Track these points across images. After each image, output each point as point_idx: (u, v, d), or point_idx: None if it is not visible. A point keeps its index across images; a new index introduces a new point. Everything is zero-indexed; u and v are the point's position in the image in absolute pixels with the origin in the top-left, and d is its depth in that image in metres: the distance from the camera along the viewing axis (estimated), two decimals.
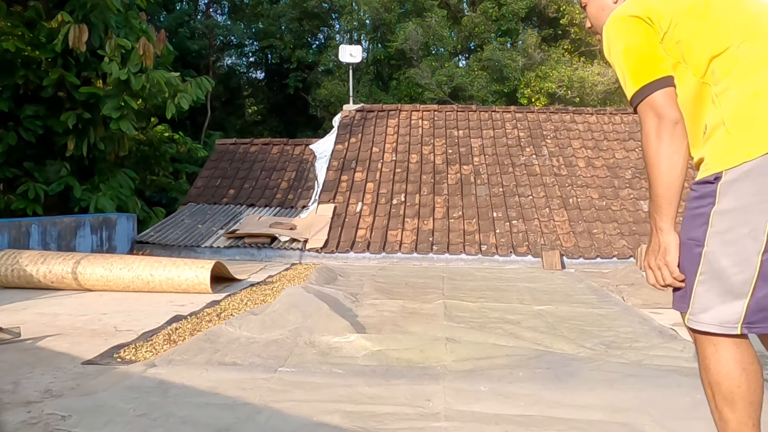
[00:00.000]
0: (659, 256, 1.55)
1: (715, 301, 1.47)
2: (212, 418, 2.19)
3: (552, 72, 16.35)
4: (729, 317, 1.46)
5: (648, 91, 1.54)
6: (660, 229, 1.55)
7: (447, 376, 2.69)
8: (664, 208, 1.53)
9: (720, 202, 1.46)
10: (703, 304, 1.49)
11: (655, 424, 2.17)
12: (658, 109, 1.53)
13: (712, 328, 1.48)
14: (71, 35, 7.96)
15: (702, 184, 1.51)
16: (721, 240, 1.46)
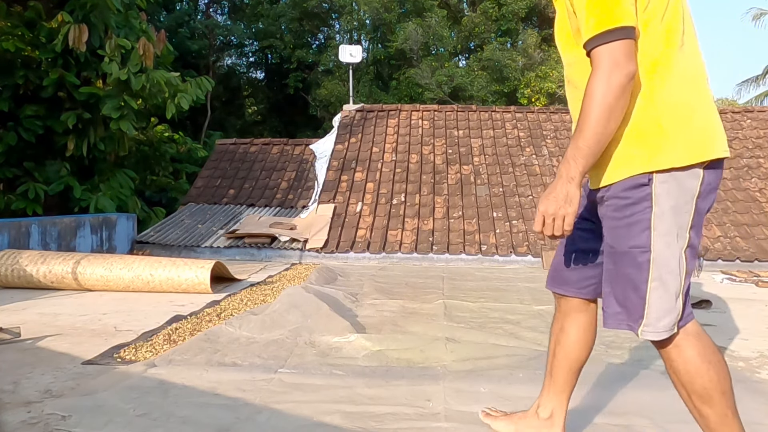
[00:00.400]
0: (563, 205, 1.47)
1: (670, 304, 1.48)
2: (212, 418, 2.19)
3: (552, 72, 16.36)
4: (675, 318, 1.50)
5: (613, 36, 1.40)
6: (572, 178, 1.47)
7: (447, 376, 2.69)
8: (588, 159, 1.46)
9: (658, 204, 1.46)
10: (659, 311, 1.48)
11: (656, 427, 2.16)
12: (621, 58, 1.40)
13: (671, 333, 1.50)
14: (71, 35, 7.96)
15: (633, 189, 1.48)
16: (665, 243, 1.47)
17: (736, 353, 3.24)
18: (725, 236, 7.57)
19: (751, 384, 2.64)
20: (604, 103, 1.40)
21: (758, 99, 21.74)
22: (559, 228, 1.48)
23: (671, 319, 1.49)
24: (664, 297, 1.48)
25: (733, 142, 9.53)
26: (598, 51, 1.42)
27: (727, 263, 7.05)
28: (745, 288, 5.70)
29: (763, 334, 3.71)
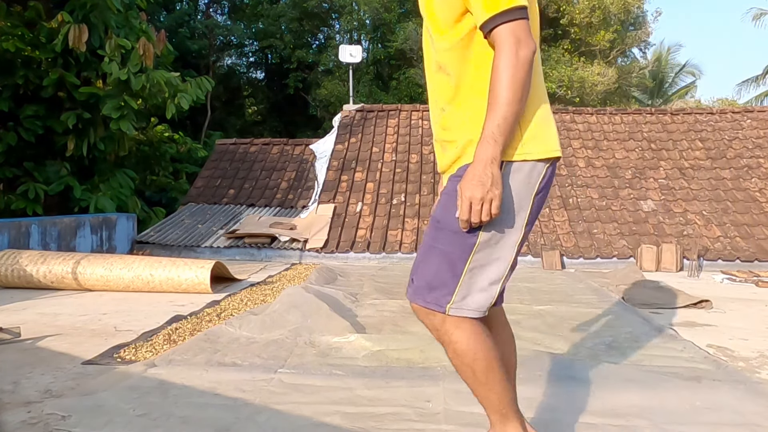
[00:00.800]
0: (491, 188, 1.40)
1: (482, 288, 1.50)
2: (212, 418, 2.19)
3: (552, 72, 16.35)
4: (486, 302, 1.51)
5: (513, 15, 1.40)
6: (494, 158, 1.41)
7: (447, 377, 2.69)
8: (505, 137, 1.41)
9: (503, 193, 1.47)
10: (469, 292, 1.49)
11: (655, 428, 2.16)
12: (523, 36, 1.40)
13: (473, 314, 1.51)
14: (71, 35, 7.96)
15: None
16: (496, 231, 1.48)
17: (736, 353, 3.24)
18: (725, 236, 7.57)
19: (751, 384, 2.64)
20: (516, 79, 1.39)
21: (758, 99, 21.75)
22: (486, 212, 1.42)
23: (482, 299, 1.50)
24: (480, 280, 1.50)
25: (733, 142, 9.53)
26: (500, 30, 1.41)
27: (727, 263, 7.05)
28: (745, 288, 5.70)
29: (763, 334, 3.71)
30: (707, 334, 3.69)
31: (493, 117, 1.40)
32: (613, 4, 17.06)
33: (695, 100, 23.03)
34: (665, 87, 23.73)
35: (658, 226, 7.78)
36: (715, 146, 9.44)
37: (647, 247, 7.04)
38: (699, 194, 8.37)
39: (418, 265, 1.56)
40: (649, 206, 8.18)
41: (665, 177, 8.77)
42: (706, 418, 2.24)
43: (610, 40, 18.14)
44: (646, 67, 21.41)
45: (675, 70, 23.77)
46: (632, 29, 19.75)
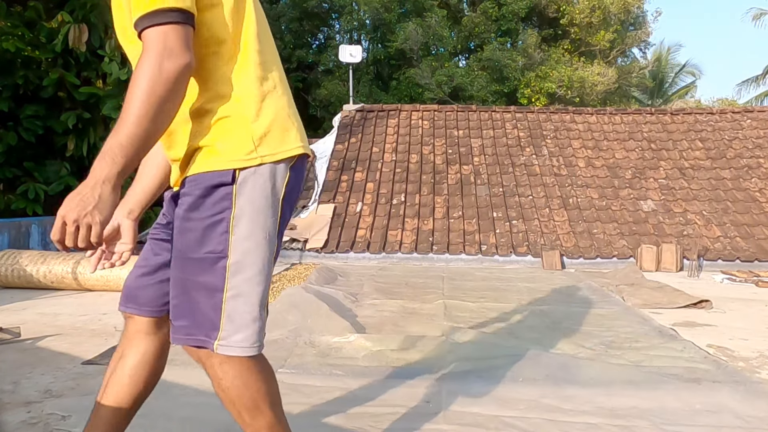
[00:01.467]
0: (91, 212, 1.15)
1: (253, 315, 1.32)
2: (212, 418, 2.18)
3: (552, 72, 16.36)
4: (257, 334, 1.33)
5: (165, 17, 1.18)
6: (108, 179, 1.16)
7: (447, 377, 2.69)
8: (130, 158, 1.18)
9: (238, 205, 1.29)
10: (236, 324, 1.30)
11: (655, 428, 2.16)
12: (175, 45, 1.18)
13: (249, 351, 1.31)
14: (71, 35, 7.96)
15: (213, 187, 1.29)
16: (246, 248, 1.31)
17: (736, 353, 3.24)
18: (725, 236, 7.57)
19: (751, 384, 2.64)
20: (153, 94, 1.17)
21: (758, 99, 21.76)
22: (83, 239, 1.17)
23: (252, 333, 1.32)
24: (242, 308, 1.31)
25: (733, 142, 9.53)
26: (148, 33, 1.19)
27: (727, 263, 7.05)
28: (745, 288, 5.70)
29: (763, 334, 3.71)
30: (707, 334, 3.69)
31: (118, 133, 1.17)
32: (613, 4, 17.06)
33: (695, 100, 23.03)
34: (665, 87, 23.73)
35: (658, 226, 7.78)
36: (715, 146, 9.44)
37: (647, 247, 7.04)
38: (699, 194, 8.37)
39: (175, 306, 1.35)
40: (649, 206, 8.18)
41: (665, 177, 8.77)
42: (706, 419, 2.24)
43: (610, 40, 18.14)
44: (646, 67, 21.41)
45: (675, 70, 23.77)
46: (632, 29, 19.75)
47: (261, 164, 1.31)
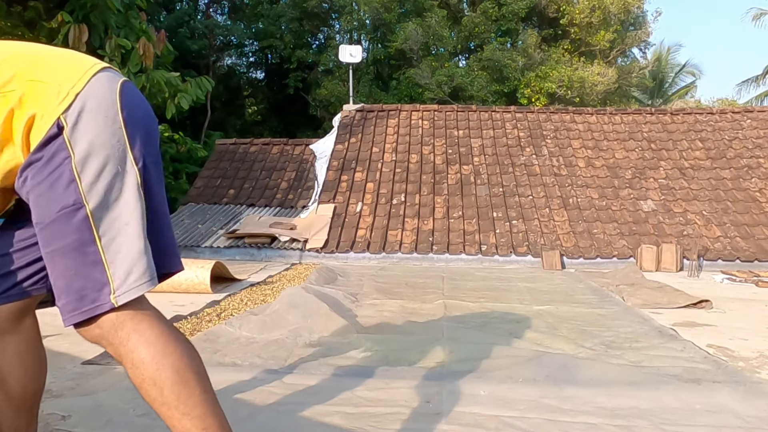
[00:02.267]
0: None
1: (135, 255, 1.20)
2: None
3: (552, 72, 16.36)
4: (150, 263, 1.22)
5: None
6: None
7: (447, 377, 2.69)
8: None
9: (75, 148, 1.18)
10: (126, 265, 1.19)
11: (655, 428, 2.16)
12: None
13: (148, 285, 1.20)
14: (71, 35, 7.95)
15: (44, 146, 1.18)
16: (102, 187, 1.19)
17: (736, 353, 3.24)
18: (725, 236, 7.57)
19: (751, 384, 2.64)
20: None
21: (758, 99, 21.77)
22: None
23: (146, 264, 1.21)
24: (125, 246, 1.20)
25: (733, 142, 9.53)
26: None
27: (727, 263, 7.05)
28: (745, 288, 5.70)
29: (763, 334, 3.71)
30: (707, 334, 3.69)
31: None
32: (613, 4, 17.06)
33: (695, 100, 23.03)
34: (665, 87, 23.73)
35: (658, 226, 7.78)
36: (715, 146, 9.44)
37: (647, 247, 7.04)
38: (699, 194, 8.37)
39: (53, 284, 1.26)
40: (649, 206, 8.18)
41: (665, 177, 8.77)
42: (706, 419, 2.24)
43: (610, 40, 18.14)
44: (646, 67, 21.41)
45: (675, 70, 23.77)
46: (632, 29, 19.75)
47: (75, 98, 1.20)
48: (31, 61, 1.26)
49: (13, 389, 1.36)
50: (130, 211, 1.21)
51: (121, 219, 1.21)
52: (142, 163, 1.25)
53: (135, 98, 1.29)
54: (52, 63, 1.27)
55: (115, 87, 1.25)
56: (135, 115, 1.27)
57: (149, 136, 1.29)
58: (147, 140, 1.28)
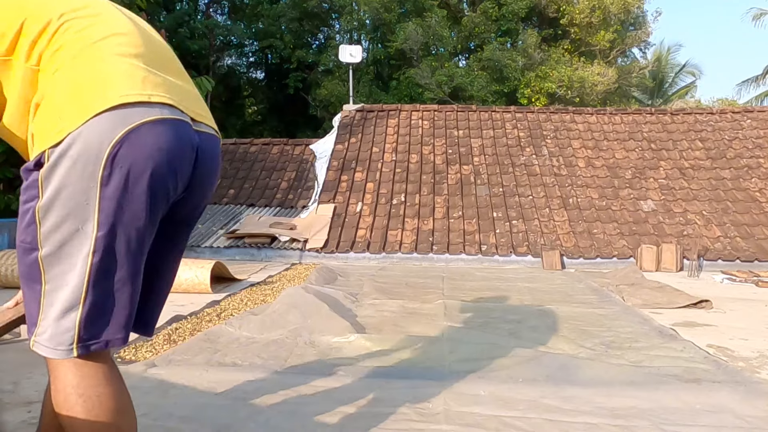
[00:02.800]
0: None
1: (56, 317, 1.17)
2: (212, 418, 2.18)
3: (552, 72, 16.36)
4: (61, 336, 1.16)
5: None
6: None
7: (447, 377, 2.69)
8: None
9: (45, 191, 1.14)
10: (47, 322, 1.17)
11: (655, 428, 2.16)
12: None
13: (48, 352, 1.17)
14: None
15: (29, 171, 1.18)
16: (54, 240, 1.16)
17: (736, 353, 3.24)
18: (725, 236, 7.57)
19: (751, 384, 2.64)
20: None
21: (758, 99, 21.76)
22: None
23: (59, 332, 1.16)
24: (56, 305, 1.16)
25: (733, 142, 9.53)
26: None
27: (727, 263, 7.05)
28: (745, 288, 5.70)
29: (763, 334, 3.71)
30: (707, 334, 3.69)
31: None
32: (613, 4, 17.06)
33: (695, 100, 23.03)
34: (665, 87, 23.72)
35: (658, 226, 7.78)
36: (715, 146, 9.44)
37: (647, 247, 7.04)
38: (699, 194, 8.37)
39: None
40: (649, 206, 8.18)
41: (665, 177, 8.77)
42: (706, 419, 2.24)
43: (610, 40, 18.14)
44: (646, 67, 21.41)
45: (675, 70, 23.76)
46: (632, 29, 19.75)
47: (66, 137, 1.12)
48: (75, 53, 1.19)
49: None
50: (74, 274, 1.16)
51: (66, 277, 1.16)
52: (105, 230, 1.15)
53: (145, 150, 1.15)
54: (83, 75, 1.18)
55: (114, 136, 1.13)
56: (133, 172, 1.15)
57: (153, 196, 1.18)
58: (141, 200, 1.17)
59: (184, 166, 1.24)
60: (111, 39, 1.24)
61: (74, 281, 1.16)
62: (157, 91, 1.20)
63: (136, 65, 1.22)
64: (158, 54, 1.33)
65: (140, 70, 1.22)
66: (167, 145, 1.18)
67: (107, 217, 1.15)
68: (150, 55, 1.28)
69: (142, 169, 1.16)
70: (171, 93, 1.24)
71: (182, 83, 1.34)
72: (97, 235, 1.15)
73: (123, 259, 1.19)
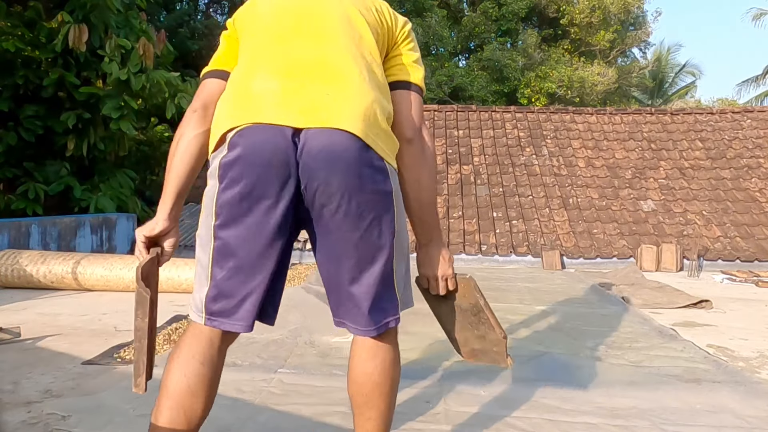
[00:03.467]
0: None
1: (198, 297, 1.40)
2: (212, 418, 2.17)
3: (552, 72, 16.37)
4: (194, 307, 1.43)
5: (201, 80, 1.54)
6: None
7: (447, 377, 2.69)
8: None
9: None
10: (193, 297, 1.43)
11: (655, 428, 2.16)
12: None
13: (191, 314, 1.43)
14: (71, 35, 7.95)
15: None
16: (198, 242, 1.45)
17: (736, 353, 3.24)
18: (725, 236, 7.57)
19: (751, 385, 2.64)
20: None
21: (758, 99, 21.77)
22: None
23: (193, 305, 1.43)
24: (196, 290, 1.43)
25: (733, 142, 9.53)
26: None
27: (727, 263, 7.05)
28: (745, 288, 5.70)
29: (763, 334, 3.71)
30: (707, 334, 3.69)
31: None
32: (613, 4, 17.07)
33: (695, 100, 23.05)
34: (665, 87, 23.73)
35: (658, 226, 7.78)
36: (715, 146, 9.44)
37: (647, 247, 7.04)
38: (699, 194, 8.37)
39: None
40: (649, 206, 8.18)
41: (665, 177, 8.77)
42: (706, 419, 2.24)
43: (610, 40, 18.15)
44: (646, 67, 21.43)
45: (675, 70, 23.77)
46: (632, 29, 19.76)
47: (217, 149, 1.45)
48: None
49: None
50: (201, 267, 1.41)
51: (198, 257, 1.42)
52: (221, 233, 1.38)
53: (231, 170, 1.35)
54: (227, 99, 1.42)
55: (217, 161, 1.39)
56: (229, 188, 1.37)
57: (231, 207, 1.37)
58: (229, 209, 1.37)
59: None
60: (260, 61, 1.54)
61: (199, 266, 1.47)
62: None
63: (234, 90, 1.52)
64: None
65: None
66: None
67: (223, 220, 1.47)
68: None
69: (236, 181, 1.44)
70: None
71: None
72: (217, 234, 1.43)
73: (226, 249, 1.43)
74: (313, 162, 1.27)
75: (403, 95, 1.50)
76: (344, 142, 1.29)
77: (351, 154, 1.29)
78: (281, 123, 1.28)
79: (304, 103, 1.31)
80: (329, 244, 1.40)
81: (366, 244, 1.37)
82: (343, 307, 1.46)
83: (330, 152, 1.27)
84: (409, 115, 1.47)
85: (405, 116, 1.47)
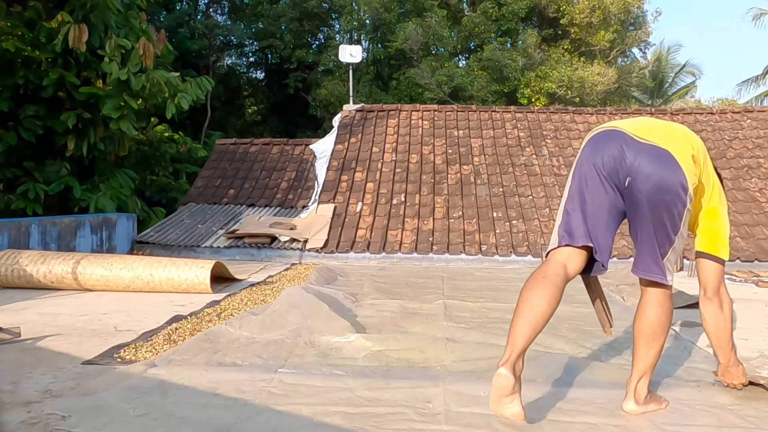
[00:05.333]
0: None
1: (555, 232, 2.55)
2: (212, 418, 2.19)
3: (552, 72, 16.37)
4: (554, 243, 2.48)
5: None
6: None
7: (447, 377, 2.69)
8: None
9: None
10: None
11: (655, 428, 2.16)
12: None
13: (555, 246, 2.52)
14: (71, 35, 7.96)
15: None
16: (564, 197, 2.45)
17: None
18: None
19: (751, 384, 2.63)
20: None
21: (758, 99, 21.76)
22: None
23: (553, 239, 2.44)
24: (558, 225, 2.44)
25: (733, 142, 9.53)
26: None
27: (727, 263, 7.04)
28: (745, 288, 5.70)
29: (763, 334, 3.71)
30: None
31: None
32: (613, 4, 17.07)
33: (695, 100, 23.04)
34: (665, 87, 23.72)
35: None
36: (715, 146, 9.44)
37: None
38: None
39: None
40: None
41: None
42: (706, 419, 2.24)
43: (610, 40, 18.14)
44: (646, 67, 21.42)
45: (675, 70, 23.76)
46: (632, 29, 19.76)
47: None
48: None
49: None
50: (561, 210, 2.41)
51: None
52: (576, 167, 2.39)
53: (603, 141, 2.35)
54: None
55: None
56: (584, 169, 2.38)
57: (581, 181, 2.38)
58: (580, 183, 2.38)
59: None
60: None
61: (559, 216, 2.53)
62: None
63: None
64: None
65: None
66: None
67: (582, 160, 2.51)
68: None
69: (601, 145, 2.47)
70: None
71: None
72: (574, 169, 2.53)
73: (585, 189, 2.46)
74: None
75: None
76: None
77: None
78: None
79: None
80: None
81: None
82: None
83: None
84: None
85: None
